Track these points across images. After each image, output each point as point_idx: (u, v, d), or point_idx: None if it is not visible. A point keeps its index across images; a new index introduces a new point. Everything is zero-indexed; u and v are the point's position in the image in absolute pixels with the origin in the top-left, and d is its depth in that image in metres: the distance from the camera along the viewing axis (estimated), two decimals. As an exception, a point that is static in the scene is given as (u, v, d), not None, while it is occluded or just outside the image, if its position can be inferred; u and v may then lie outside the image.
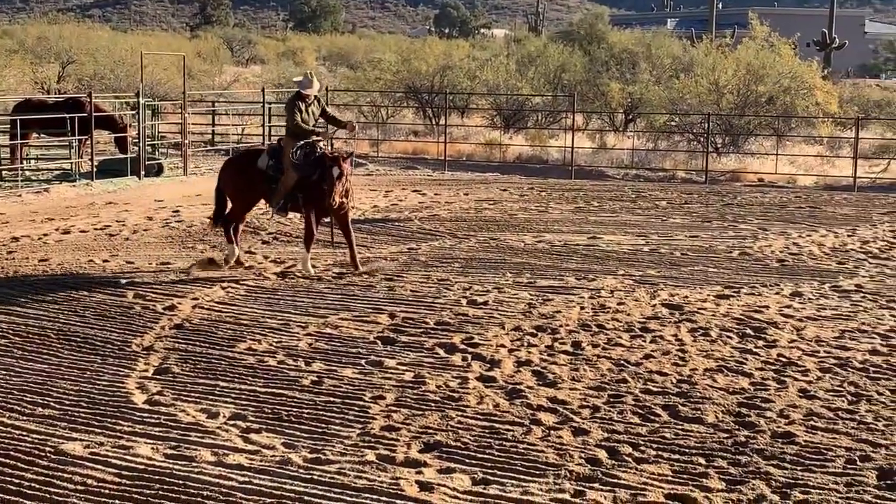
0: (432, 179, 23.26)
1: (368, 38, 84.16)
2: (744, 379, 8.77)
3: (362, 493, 6.32)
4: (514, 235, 15.73)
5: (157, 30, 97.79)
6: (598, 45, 36.12)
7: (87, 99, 21.06)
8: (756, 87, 27.54)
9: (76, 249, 13.96)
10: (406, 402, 8.02)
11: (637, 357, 9.36)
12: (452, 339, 9.85)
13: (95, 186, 20.15)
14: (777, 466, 6.85)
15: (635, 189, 22.01)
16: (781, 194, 21.55)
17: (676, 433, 7.45)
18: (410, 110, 33.55)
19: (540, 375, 8.79)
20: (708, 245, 15.20)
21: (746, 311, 11.14)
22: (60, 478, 6.46)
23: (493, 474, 6.65)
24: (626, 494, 6.37)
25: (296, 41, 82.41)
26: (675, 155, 26.76)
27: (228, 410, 7.78)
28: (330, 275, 12.67)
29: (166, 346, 9.49)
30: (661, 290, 12.13)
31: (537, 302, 11.41)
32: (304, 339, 9.77)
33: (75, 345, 9.46)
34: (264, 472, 6.62)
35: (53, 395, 8.07)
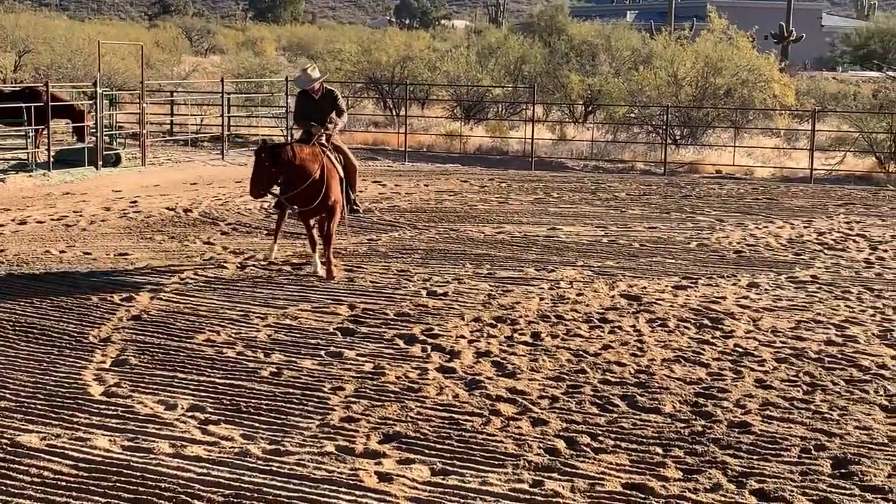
0: (392, 170, 23.24)
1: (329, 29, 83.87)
2: (701, 369, 8.85)
3: (321, 484, 6.32)
4: (474, 226, 15.75)
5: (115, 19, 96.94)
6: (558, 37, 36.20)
7: (44, 88, 20.82)
8: (714, 80, 27.75)
9: (33, 240, 13.83)
10: (365, 394, 8.02)
11: (596, 348, 9.42)
12: (412, 330, 9.86)
13: (52, 177, 19.95)
14: (733, 456, 6.93)
15: (595, 180, 22.11)
16: (739, 186, 21.73)
17: (634, 423, 7.50)
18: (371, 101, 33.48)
19: (499, 366, 8.82)
20: (666, 236, 15.31)
21: (704, 302, 11.24)
22: (17, 470, 6.40)
23: (452, 465, 6.67)
24: (584, 484, 6.41)
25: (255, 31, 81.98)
26: (635, 146, 26.90)
27: (187, 402, 7.74)
28: (289, 266, 12.62)
29: (124, 337, 9.42)
30: (619, 281, 12.21)
31: (497, 293, 11.45)
32: (263, 330, 9.74)
33: (32, 336, 9.37)
34: (223, 463, 6.60)
35: (9, 386, 7.99)
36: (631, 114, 28.12)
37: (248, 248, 13.63)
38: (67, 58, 34.17)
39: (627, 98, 28.34)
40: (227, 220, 15.75)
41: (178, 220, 15.72)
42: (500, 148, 27.48)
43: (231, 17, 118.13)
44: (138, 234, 14.51)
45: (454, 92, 31.42)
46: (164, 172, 21.49)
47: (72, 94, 24.46)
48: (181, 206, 16.94)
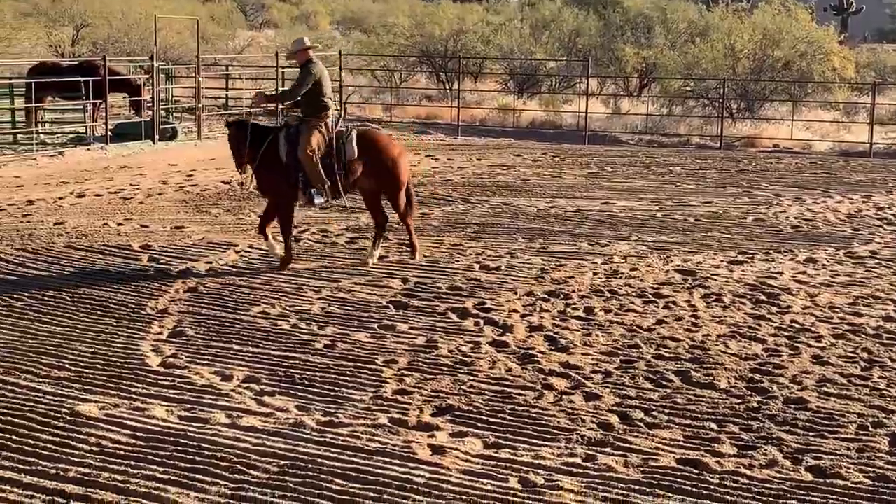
0: (445, 144, 23.21)
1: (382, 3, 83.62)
2: (757, 345, 8.78)
3: (375, 455, 6.36)
4: (527, 201, 15.71)
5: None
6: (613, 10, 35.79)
7: (102, 62, 21.03)
8: (772, 52, 27.34)
9: (91, 213, 14.00)
10: (418, 367, 8.05)
11: (649, 323, 9.37)
12: (465, 303, 9.86)
13: (110, 150, 20.17)
14: (789, 432, 6.87)
15: (649, 154, 21.93)
16: (797, 160, 21.45)
17: (688, 399, 7.46)
18: (424, 75, 33.42)
19: (552, 340, 8.81)
20: (722, 211, 15.16)
21: (760, 278, 11.13)
22: (76, 439, 6.51)
23: (504, 438, 6.68)
24: (638, 459, 6.39)
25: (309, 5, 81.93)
26: (690, 120, 26.63)
27: (242, 373, 7.82)
28: (343, 239, 12.68)
29: (180, 309, 9.53)
30: (674, 255, 12.12)
31: (550, 267, 11.42)
32: (317, 303, 9.80)
33: (90, 307, 9.51)
34: (278, 434, 6.67)
35: (69, 357, 8.12)
36: (687, 87, 27.83)
37: (301, 221, 13.70)
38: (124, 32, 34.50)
39: (683, 71, 28.02)
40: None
41: (234, 193, 15.84)
42: (554, 122, 27.33)
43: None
44: (194, 208, 14.64)
45: (507, 65, 31.27)
46: (219, 146, 21.57)
47: (129, 69, 24.68)
48: (236, 179, 17.03)
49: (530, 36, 33.10)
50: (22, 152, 19.71)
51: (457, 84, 28.53)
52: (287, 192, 11.17)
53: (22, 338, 8.59)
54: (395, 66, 32.38)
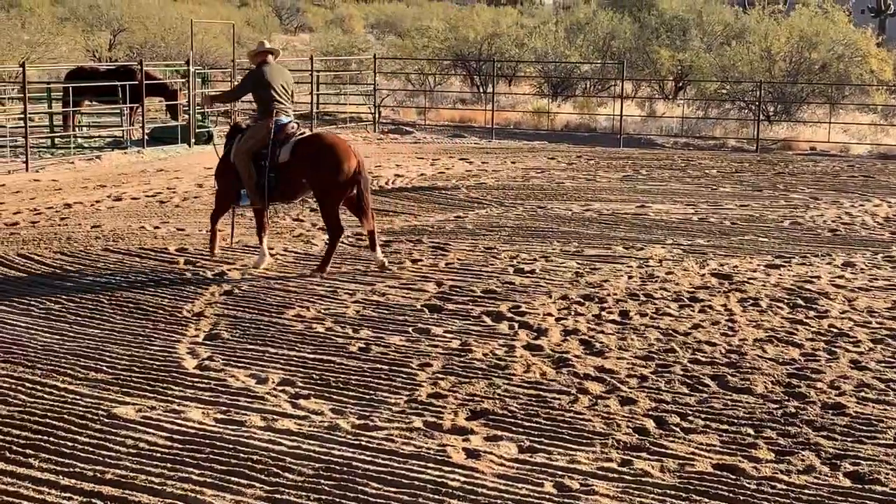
0: (479, 147, 23.20)
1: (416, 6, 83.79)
2: (794, 349, 8.70)
3: (409, 459, 6.36)
4: (562, 204, 15.67)
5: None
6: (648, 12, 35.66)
7: (139, 67, 21.19)
8: (809, 55, 27.15)
9: (128, 216, 14.11)
10: (453, 370, 8.05)
11: (685, 327, 9.32)
12: (499, 307, 9.85)
13: (146, 154, 20.32)
14: (827, 437, 6.80)
15: (685, 157, 21.82)
16: (834, 163, 21.27)
17: (725, 403, 7.41)
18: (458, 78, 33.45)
19: (587, 344, 8.77)
20: (758, 214, 15.06)
21: (797, 282, 11.04)
22: (113, 441, 6.56)
23: (539, 442, 6.66)
24: (674, 464, 6.35)
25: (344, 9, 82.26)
26: (726, 123, 26.48)
27: (277, 376, 7.84)
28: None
29: (216, 312, 9.58)
30: (710, 259, 12.05)
31: (585, 271, 11.38)
32: (351, 306, 9.82)
33: (127, 310, 9.58)
34: (313, 437, 6.68)
35: (106, 359, 8.18)
36: (722, 90, 27.67)
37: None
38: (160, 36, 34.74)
39: (719, 73, 27.87)
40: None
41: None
42: (588, 125, 27.26)
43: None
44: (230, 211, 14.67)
45: (542, 68, 31.23)
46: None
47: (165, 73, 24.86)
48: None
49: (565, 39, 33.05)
50: (59, 156, 19.90)
51: (491, 87, 28.53)
52: (226, 189, 11.60)
53: (60, 340, 8.66)
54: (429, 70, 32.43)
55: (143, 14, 38.55)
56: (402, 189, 16.80)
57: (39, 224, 13.46)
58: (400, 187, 17.00)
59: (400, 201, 15.60)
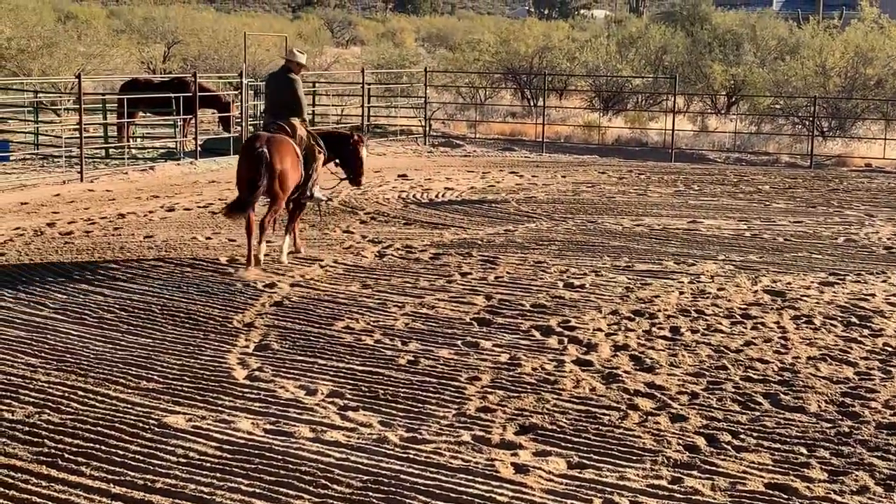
0: (529, 161, 23.17)
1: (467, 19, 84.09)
2: (848, 368, 8.58)
3: (458, 473, 6.34)
4: (613, 218, 15.59)
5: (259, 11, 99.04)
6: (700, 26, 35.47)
7: (192, 78, 21.42)
8: (864, 70, 26.83)
9: (180, 226, 14.24)
10: (502, 384, 8.02)
11: (737, 344, 9.22)
12: (549, 321, 9.80)
13: (199, 165, 20.51)
14: (881, 458, 6.69)
15: (737, 173, 21.64)
16: (890, 180, 20.98)
17: (778, 422, 7.31)
18: (508, 91, 33.43)
19: (637, 360, 8.71)
20: (812, 231, 14.89)
21: (852, 299, 10.89)
22: (163, 450, 6.60)
23: (588, 458, 6.61)
24: (725, 482, 6.28)
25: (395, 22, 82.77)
26: (779, 138, 26.23)
27: (326, 388, 7.86)
28: (427, 255, 12.70)
29: (266, 322, 9.62)
30: (762, 276, 11.92)
31: (635, 286, 11.30)
32: (400, 318, 9.83)
33: (178, 320, 9.65)
34: (361, 449, 6.68)
35: (157, 369, 8.24)
36: (776, 105, 27.42)
37: (385, 236, 13.77)
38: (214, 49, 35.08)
39: (772, 88, 27.63)
40: (365, 209, 15.93)
41: (318, 208, 15.95)
42: (640, 139, 27.13)
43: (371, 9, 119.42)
44: (280, 222, 14.77)
45: (593, 82, 31.14)
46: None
47: (218, 85, 25.10)
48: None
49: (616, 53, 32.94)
50: (113, 167, 20.13)
51: (541, 101, 28.49)
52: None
53: (112, 349, 8.74)
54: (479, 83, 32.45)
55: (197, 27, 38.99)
56: (452, 202, 16.81)
57: (93, 234, 13.62)
58: (450, 200, 17.01)
59: (450, 214, 15.60)
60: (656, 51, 33.13)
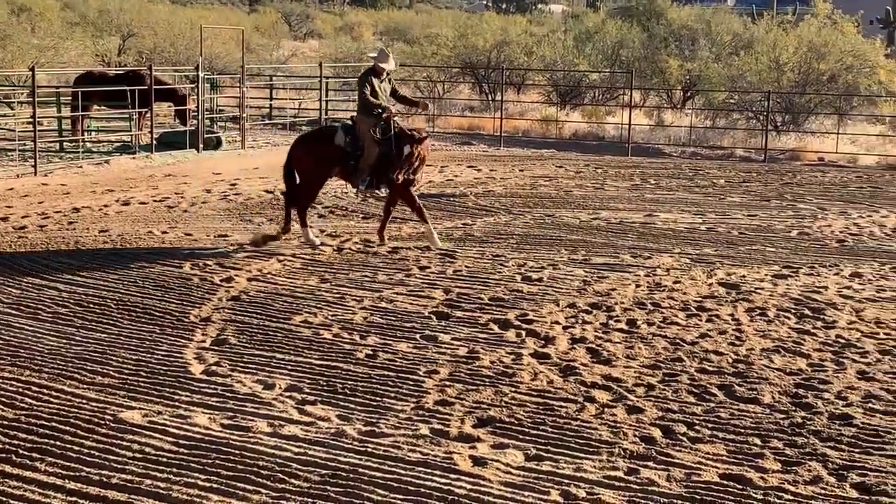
0: (488, 155, 23.21)
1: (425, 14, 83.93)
2: (801, 360, 8.69)
3: (416, 466, 6.36)
4: (570, 212, 15.66)
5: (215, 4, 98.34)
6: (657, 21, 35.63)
7: (148, 71, 21.24)
8: (817, 65, 27.11)
9: (136, 221, 14.13)
10: (460, 377, 8.04)
11: (693, 336, 9.30)
12: (507, 314, 9.84)
13: (155, 159, 20.35)
14: (834, 448, 6.79)
15: (693, 167, 21.81)
16: (842, 174, 21.24)
17: (732, 413, 7.40)
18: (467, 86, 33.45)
19: (594, 353, 8.77)
20: (766, 224, 15.04)
21: (805, 292, 11.02)
22: (119, 446, 6.56)
23: (546, 451, 6.65)
24: (681, 473, 6.34)
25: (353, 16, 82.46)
26: (734, 133, 26.46)
27: (284, 382, 7.84)
28: (385, 249, 12.70)
29: (223, 317, 9.59)
30: (717, 269, 12.03)
31: (592, 279, 11.37)
32: (359, 312, 9.82)
33: (134, 315, 9.59)
34: (319, 443, 6.68)
35: (112, 364, 8.19)
36: (731, 99, 27.65)
37: (344, 230, 13.75)
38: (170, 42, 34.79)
39: (727, 83, 27.85)
40: (323, 202, 15.89)
41: (277, 202, 15.91)
42: (597, 133, 27.25)
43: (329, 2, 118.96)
44: (238, 217, 14.73)
45: (550, 77, 31.24)
46: (263, 155, 21.77)
47: (174, 78, 24.91)
48: (280, 188, 17.12)
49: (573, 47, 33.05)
50: (68, 160, 19.94)
51: (500, 95, 28.53)
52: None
53: (67, 344, 8.67)
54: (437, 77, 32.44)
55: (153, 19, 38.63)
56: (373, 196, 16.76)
57: (47, 228, 13.49)
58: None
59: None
60: (613, 46, 33.27)
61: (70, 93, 22.04)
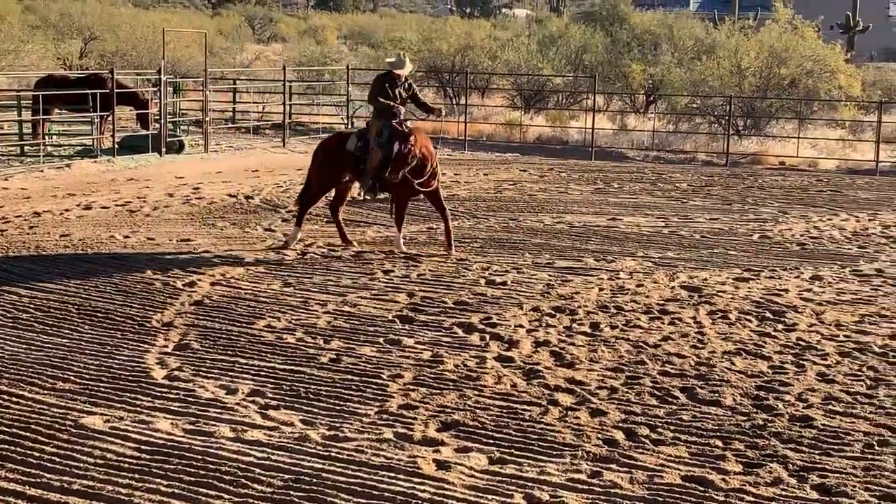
0: (452, 159, 23.22)
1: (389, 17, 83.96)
2: (762, 362, 8.76)
3: (380, 470, 6.35)
4: (534, 216, 15.71)
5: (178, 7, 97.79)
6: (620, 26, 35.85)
7: (110, 75, 21.10)
8: (778, 70, 27.38)
9: (97, 225, 14.03)
10: (424, 381, 8.04)
11: (655, 339, 9.36)
12: (471, 318, 9.86)
13: (117, 163, 20.21)
14: (795, 450, 6.85)
15: (655, 171, 21.94)
16: (803, 178, 21.44)
17: (694, 415, 7.45)
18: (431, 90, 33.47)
19: (558, 356, 8.80)
20: (728, 228, 15.16)
21: (766, 295, 11.12)
22: (81, 451, 6.51)
23: (509, 454, 6.66)
24: (643, 475, 6.38)
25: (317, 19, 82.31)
26: (696, 137, 26.65)
27: (247, 387, 7.82)
28: (349, 253, 12.69)
29: (186, 322, 9.53)
30: (680, 272, 12.11)
31: (556, 283, 11.41)
32: (322, 316, 9.80)
33: (96, 320, 9.52)
34: (282, 448, 6.66)
35: (74, 369, 8.12)
36: (693, 104, 27.86)
37: (308, 235, 13.72)
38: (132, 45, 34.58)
39: (689, 88, 28.07)
40: (287, 207, 15.84)
41: (240, 206, 15.86)
42: (560, 137, 27.37)
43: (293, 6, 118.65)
44: (201, 221, 14.66)
45: (514, 81, 31.33)
46: (226, 159, 21.70)
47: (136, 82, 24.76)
48: (243, 192, 17.10)
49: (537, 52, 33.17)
50: (29, 164, 19.76)
51: (464, 99, 28.58)
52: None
53: (27, 350, 8.59)
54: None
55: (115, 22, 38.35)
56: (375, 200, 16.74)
57: (8, 233, 13.36)
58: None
59: (372, 212, 15.58)
60: (576, 50, 33.43)
61: (31, 96, 21.83)
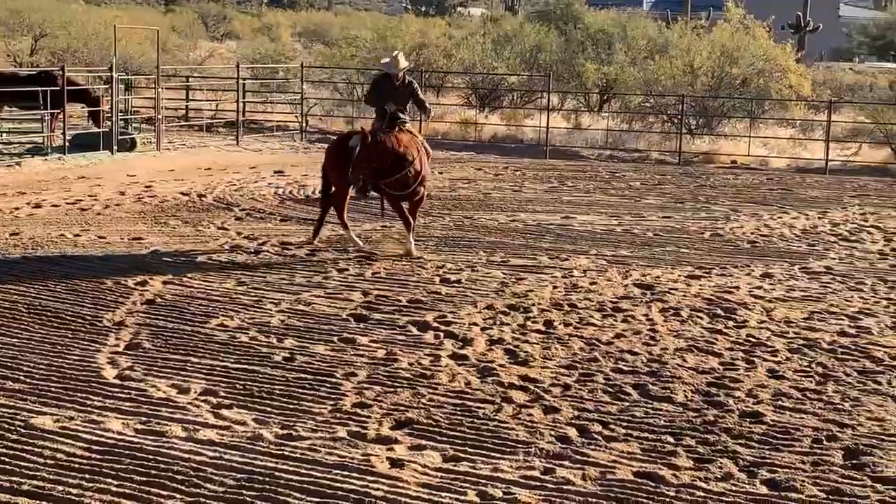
0: (407, 157, 23.17)
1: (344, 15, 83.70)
2: (713, 359, 8.85)
3: (333, 469, 6.34)
4: (488, 214, 15.75)
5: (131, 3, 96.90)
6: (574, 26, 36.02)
7: (60, 72, 20.87)
8: (730, 70, 27.63)
9: (47, 223, 13.88)
10: (378, 380, 8.04)
11: (608, 336, 9.42)
12: (425, 316, 9.86)
13: (68, 160, 20.00)
14: (745, 445, 6.92)
15: (609, 169, 22.07)
16: (754, 176, 21.66)
17: (646, 412, 7.50)
18: (385, 88, 33.39)
19: (512, 354, 8.83)
20: (680, 226, 15.28)
21: (717, 292, 11.22)
22: (31, 452, 6.44)
23: (463, 451, 6.68)
24: (596, 472, 6.42)
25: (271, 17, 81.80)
26: (650, 136, 26.83)
27: (200, 386, 7.77)
28: (303, 252, 12.65)
29: (137, 321, 9.46)
30: (633, 270, 12.19)
31: (510, 281, 11.45)
32: (276, 315, 9.77)
33: (46, 319, 9.41)
34: (235, 447, 6.63)
35: (24, 369, 8.03)
36: (646, 103, 28.04)
37: (261, 233, 13.66)
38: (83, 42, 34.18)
39: (643, 87, 28.25)
40: (241, 205, 15.77)
41: (193, 204, 15.76)
42: (515, 136, 27.43)
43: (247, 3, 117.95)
44: (153, 219, 14.54)
45: (469, 80, 31.35)
46: (178, 157, 21.54)
47: (87, 79, 24.50)
48: (196, 191, 16.98)
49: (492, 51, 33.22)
50: (-22, 162, 19.50)
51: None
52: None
53: (-24, 349, 8.48)
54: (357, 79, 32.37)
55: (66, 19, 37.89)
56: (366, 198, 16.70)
57: (-44, 231, 13.18)
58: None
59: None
60: (531, 49, 33.50)
61: (-21, 93, 21.54)
